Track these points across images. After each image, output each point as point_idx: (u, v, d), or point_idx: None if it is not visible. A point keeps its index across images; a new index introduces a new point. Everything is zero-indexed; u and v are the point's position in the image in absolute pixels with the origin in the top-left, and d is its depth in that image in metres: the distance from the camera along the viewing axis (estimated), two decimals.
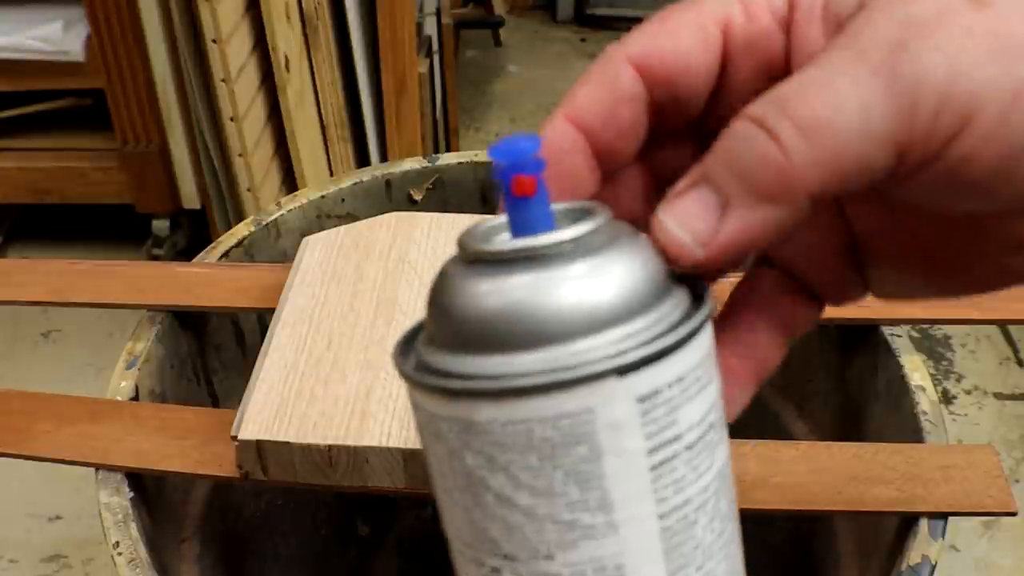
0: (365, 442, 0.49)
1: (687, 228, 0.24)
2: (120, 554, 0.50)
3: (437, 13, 1.63)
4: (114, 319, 1.44)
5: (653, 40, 0.26)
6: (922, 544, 0.49)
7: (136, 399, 0.59)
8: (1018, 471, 1.29)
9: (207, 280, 0.65)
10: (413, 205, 0.75)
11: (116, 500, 0.53)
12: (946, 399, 1.39)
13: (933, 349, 1.46)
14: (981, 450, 0.53)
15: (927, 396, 0.57)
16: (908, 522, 0.51)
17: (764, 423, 0.72)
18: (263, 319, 0.71)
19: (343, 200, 0.73)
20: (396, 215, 0.64)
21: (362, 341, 0.55)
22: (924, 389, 0.58)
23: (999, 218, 0.25)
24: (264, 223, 0.70)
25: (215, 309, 0.65)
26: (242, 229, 0.70)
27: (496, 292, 0.23)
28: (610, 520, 0.23)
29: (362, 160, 1.42)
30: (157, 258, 1.47)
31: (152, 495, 0.57)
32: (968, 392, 1.40)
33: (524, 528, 0.23)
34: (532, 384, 0.22)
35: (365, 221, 0.64)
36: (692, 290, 0.25)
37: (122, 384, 0.59)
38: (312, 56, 1.30)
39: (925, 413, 0.56)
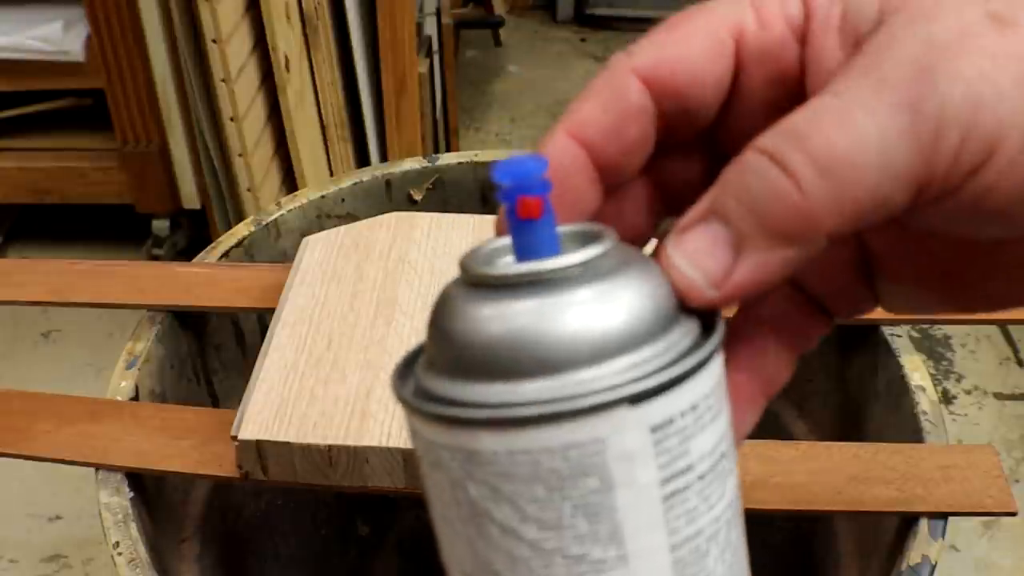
0: (365, 442, 0.49)
1: (698, 266, 0.23)
2: (120, 554, 0.50)
3: (437, 13, 1.63)
4: (114, 319, 1.44)
5: (662, 50, 0.25)
6: (922, 544, 0.49)
7: (136, 399, 0.59)
8: (1018, 471, 1.29)
9: (207, 280, 0.65)
10: (413, 205, 0.75)
11: (116, 500, 0.53)
12: (946, 399, 1.38)
13: (933, 349, 1.46)
14: (981, 450, 0.53)
15: (927, 396, 0.57)
16: (908, 522, 0.51)
17: (764, 423, 0.71)
18: (263, 319, 0.71)
19: (343, 200, 0.73)
20: (396, 215, 0.64)
21: (362, 341, 0.55)
22: (924, 389, 0.58)
23: (1020, 241, 0.24)
24: (264, 223, 0.70)
25: (215, 309, 0.65)
26: (242, 229, 0.70)
27: (500, 317, 0.22)
28: (621, 554, 0.22)
29: (362, 160, 1.42)
30: (157, 258, 1.47)
31: (152, 495, 0.57)
32: (968, 392, 1.40)
33: (531, 562, 0.22)
34: (539, 413, 0.21)
35: (365, 221, 0.64)
36: (702, 314, 0.24)
37: (122, 384, 0.59)
38: (312, 56, 1.30)
39: (925, 413, 0.56)
